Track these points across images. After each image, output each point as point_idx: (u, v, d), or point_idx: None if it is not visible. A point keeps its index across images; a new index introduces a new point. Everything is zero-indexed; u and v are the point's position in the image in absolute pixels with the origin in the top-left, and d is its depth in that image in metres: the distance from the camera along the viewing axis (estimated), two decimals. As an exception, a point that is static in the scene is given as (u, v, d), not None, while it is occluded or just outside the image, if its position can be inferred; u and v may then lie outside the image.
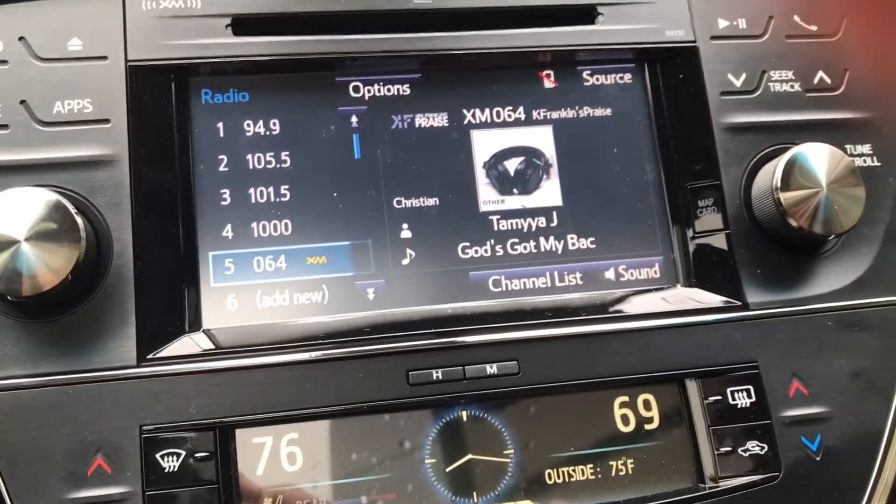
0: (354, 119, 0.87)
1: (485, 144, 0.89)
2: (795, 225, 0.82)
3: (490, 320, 0.82)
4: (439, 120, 0.89)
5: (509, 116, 0.90)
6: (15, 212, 0.71)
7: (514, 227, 0.88)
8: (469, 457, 0.79)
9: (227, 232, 0.83)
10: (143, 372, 0.75)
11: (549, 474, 0.80)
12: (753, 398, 0.82)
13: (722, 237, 0.87)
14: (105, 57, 0.81)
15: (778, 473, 0.80)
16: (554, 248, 0.88)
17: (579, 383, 0.80)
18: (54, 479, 0.72)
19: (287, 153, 0.86)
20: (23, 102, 0.79)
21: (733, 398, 0.81)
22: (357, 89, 0.88)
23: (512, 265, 0.87)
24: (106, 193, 0.78)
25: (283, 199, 0.84)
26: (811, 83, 0.92)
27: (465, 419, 0.80)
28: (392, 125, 0.88)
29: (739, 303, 0.85)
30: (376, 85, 0.89)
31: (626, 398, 0.82)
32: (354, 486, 0.77)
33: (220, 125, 0.85)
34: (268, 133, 0.86)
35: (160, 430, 0.74)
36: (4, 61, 0.80)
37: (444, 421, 0.79)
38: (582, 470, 0.80)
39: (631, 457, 0.81)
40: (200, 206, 0.83)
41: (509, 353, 0.80)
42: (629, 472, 0.81)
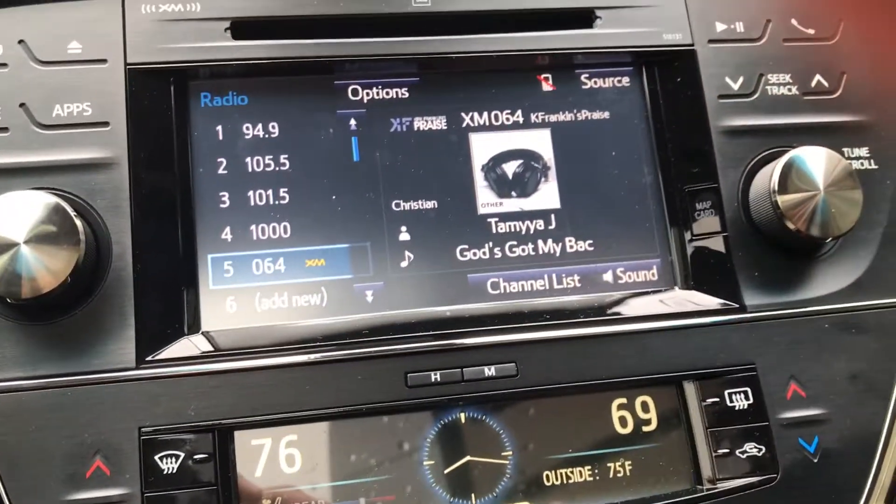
0: (353, 122, 0.88)
1: (483, 147, 0.89)
2: (793, 228, 0.82)
3: (488, 322, 0.82)
4: (438, 123, 0.89)
5: (507, 119, 0.90)
6: (14, 214, 0.71)
7: (513, 230, 0.88)
8: (467, 458, 0.79)
9: (227, 234, 0.83)
10: (142, 374, 0.75)
11: (547, 476, 0.80)
12: (751, 400, 0.82)
13: (720, 240, 0.87)
14: (104, 60, 0.82)
15: (775, 475, 0.80)
16: (552, 251, 0.88)
17: (577, 385, 0.81)
18: (53, 481, 0.72)
19: (286, 156, 0.86)
20: (22, 105, 0.79)
21: (731, 400, 0.82)
22: (356, 92, 0.89)
23: (510, 267, 0.87)
24: (105, 196, 0.78)
25: (282, 202, 0.85)
26: (808, 86, 0.92)
27: (463, 421, 0.80)
28: (391, 128, 0.88)
29: (737, 305, 0.85)
30: (375, 88, 0.89)
31: (624, 400, 0.82)
32: (353, 488, 0.77)
33: (219, 128, 0.85)
34: (267, 136, 0.86)
35: (159, 432, 0.74)
36: (4, 64, 0.80)
37: (442, 423, 0.80)
38: (580, 471, 0.80)
39: (629, 458, 0.81)
40: (199, 208, 0.83)
41: (507, 355, 0.80)
42: (627, 473, 0.81)
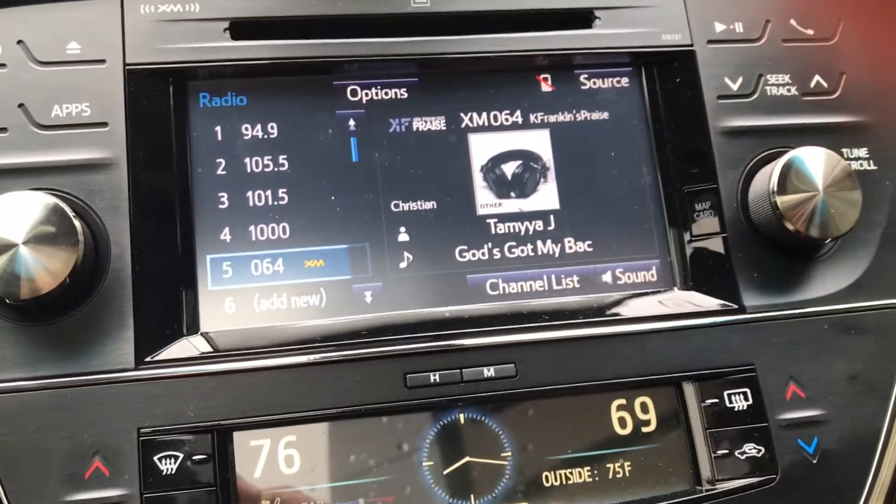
0: (352, 122, 0.88)
1: (482, 148, 0.89)
2: (792, 228, 0.82)
3: (487, 323, 0.82)
4: (437, 123, 0.89)
5: (507, 120, 0.90)
6: (13, 215, 0.71)
7: (512, 231, 0.88)
8: (467, 459, 0.79)
9: (225, 235, 0.83)
10: (141, 375, 0.75)
11: (546, 477, 0.80)
12: (750, 401, 0.82)
13: (719, 240, 0.87)
14: (103, 60, 0.82)
15: (775, 476, 0.80)
16: (551, 252, 0.88)
17: (577, 386, 0.81)
18: (52, 482, 0.72)
19: (285, 156, 0.86)
20: (21, 106, 0.79)
21: (730, 401, 0.82)
22: (355, 93, 0.89)
23: (509, 268, 0.87)
24: (104, 197, 0.78)
25: (281, 203, 0.85)
26: (808, 87, 0.92)
27: (462, 422, 0.80)
28: (390, 129, 0.88)
29: (736, 306, 0.85)
30: (374, 88, 0.89)
31: (623, 401, 0.82)
32: (352, 489, 0.77)
33: (217, 128, 0.85)
34: (266, 136, 0.86)
35: (158, 433, 0.74)
36: (3, 65, 0.80)
37: (441, 423, 0.80)
38: (579, 472, 0.80)
39: (628, 459, 0.81)
40: (198, 209, 0.83)
41: (507, 355, 0.80)
42: (626, 474, 0.81)
